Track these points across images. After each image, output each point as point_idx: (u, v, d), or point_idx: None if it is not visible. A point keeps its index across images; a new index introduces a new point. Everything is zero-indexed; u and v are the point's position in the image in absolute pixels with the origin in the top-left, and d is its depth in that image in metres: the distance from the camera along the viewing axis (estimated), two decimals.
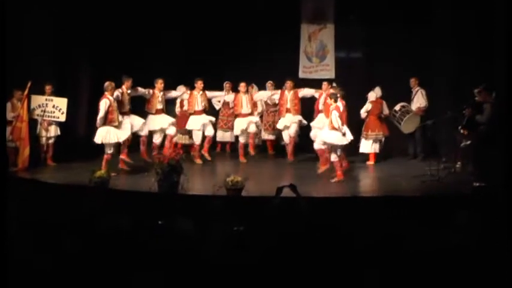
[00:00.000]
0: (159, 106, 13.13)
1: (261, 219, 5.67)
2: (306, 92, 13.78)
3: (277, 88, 14.23)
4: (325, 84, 13.42)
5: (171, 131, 13.20)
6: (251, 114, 13.91)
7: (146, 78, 13.25)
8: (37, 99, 12.79)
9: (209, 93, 13.89)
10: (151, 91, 13.07)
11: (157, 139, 13.13)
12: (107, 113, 11.85)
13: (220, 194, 9.57)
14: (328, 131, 11.58)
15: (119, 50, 14.18)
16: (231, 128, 14.47)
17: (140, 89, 12.99)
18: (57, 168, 12.74)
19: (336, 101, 11.54)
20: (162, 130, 13.15)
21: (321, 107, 13.13)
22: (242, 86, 13.85)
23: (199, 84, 13.53)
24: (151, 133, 13.13)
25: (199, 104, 13.56)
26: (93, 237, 5.07)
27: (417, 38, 14.33)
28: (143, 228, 5.27)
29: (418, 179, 11.58)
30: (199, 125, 13.52)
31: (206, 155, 13.56)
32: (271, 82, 14.60)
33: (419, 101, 13.64)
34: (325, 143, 11.68)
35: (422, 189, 10.95)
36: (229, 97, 14.16)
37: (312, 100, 13.74)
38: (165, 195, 9.81)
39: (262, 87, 14.68)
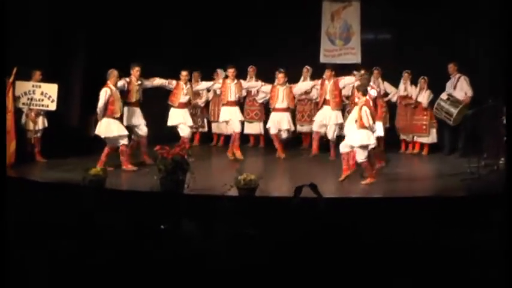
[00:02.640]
0: (183, 99, 13.19)
1: (277, 223, 5.68)
2: (347, 80, 13.55)
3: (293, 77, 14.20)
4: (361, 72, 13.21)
5: (185, 132, 13.29)
6: (288, 108, 13.81)
7: (147, 64, 13.28)
8: (23, 86, 12.71)
9: (245, 83, 13.92)
10: (173, 82, 13.12)
11: (184, 133, 13.18)
12: (107, 103, 11.92)
13: (231, 194, 9.58)
14: (356, 130, 11.13)
15: (120, 30, 14.18)
16: (258, 119, 14.77)
17: (158, 80, 13.05)
18: (47, 165, 12.77)
19: (364, 94, 11.25)
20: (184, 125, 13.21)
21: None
22: (281, 78, 13.66)
23: (230, 72, 13.53)
24: (173, 128, 13.29)
25: (232, 94, 13.57)
26: (87, 242, 5.10)
27: (453, 16, 14.23)
28: (144, 233, 5.29)
29: (456, 177, 11.53)
30: (233, 116, 13.53)
31: (238, 153, 13.50)
32: (308, 67, 14.56)
33: (464, 89, 13.52)
34: (352, 146, 11.26)
35: (461, 189, 10.90)
36: (266, 88, 14.01)
37: None
38: (168, 196, 9.83)
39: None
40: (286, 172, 12.66)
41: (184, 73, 13.17)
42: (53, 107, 12.86)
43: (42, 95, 12.81)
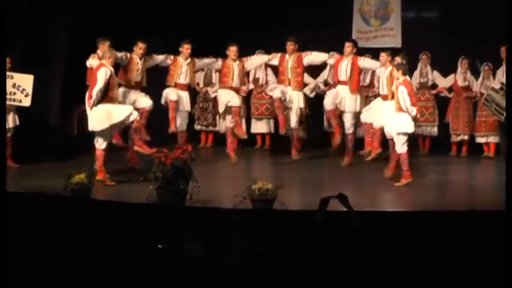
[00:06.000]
0: (138, 79, 12.79)
1: (299, 241, 5.71)
2: (314, 57, 13.41)
3: None
4: (349, 46, 13.08)
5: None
6: (238, 89, 13.59)
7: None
8: None
9: (199, 61, 13.49)
10: (128, 55, 12.71)
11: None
12: (107, 87, 11.58)
13: (243, 207, 9.61)
14: (395, 113, 11.49)
15: (109, 10, 14.24)
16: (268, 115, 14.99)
17: (118, 54, 12.67)
18: (20, 171, 12.83)
19: (404, 74, 11.53)
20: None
21: (343, 77, 13.02)
22: (234, 52, 13.32)
23: (184, 48, 13.14)
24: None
25: (182, 75, 13.25)
26: (69, 264, 5.15)
27: None
28: (138, 253, 5.34)
29: None
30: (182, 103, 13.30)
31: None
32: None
33: None
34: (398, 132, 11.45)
35: None
36: (219, 64, 13.54)
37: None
38: (167, 209, 9.88)
39: None
40: (310, 180, 12.65)
41: (141, 45, 12.70)
42: (27, 102, 12.80)
43: (15, 87, 12.76)
